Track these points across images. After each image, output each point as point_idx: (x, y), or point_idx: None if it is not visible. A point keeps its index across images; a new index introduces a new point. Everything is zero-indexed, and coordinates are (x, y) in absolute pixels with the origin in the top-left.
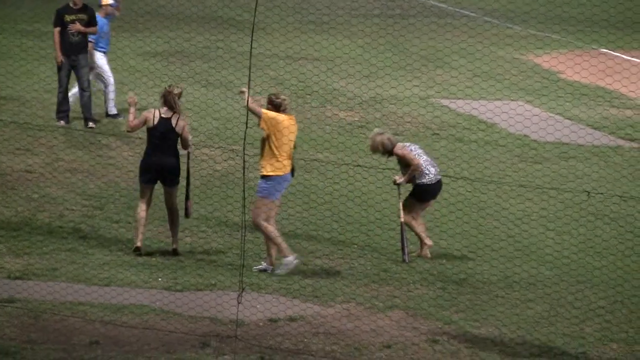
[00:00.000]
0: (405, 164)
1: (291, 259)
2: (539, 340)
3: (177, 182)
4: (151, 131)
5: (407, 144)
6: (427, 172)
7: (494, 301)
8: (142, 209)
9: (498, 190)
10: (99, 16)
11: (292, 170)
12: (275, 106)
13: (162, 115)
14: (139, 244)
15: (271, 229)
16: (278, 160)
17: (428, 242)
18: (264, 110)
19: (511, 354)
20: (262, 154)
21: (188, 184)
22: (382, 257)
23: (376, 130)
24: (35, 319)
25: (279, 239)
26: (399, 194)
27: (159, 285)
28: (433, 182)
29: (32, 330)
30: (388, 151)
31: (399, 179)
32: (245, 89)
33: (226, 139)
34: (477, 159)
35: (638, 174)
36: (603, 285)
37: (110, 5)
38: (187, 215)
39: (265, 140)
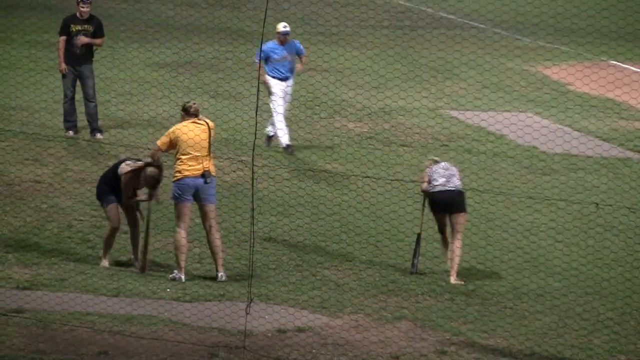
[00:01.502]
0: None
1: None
2: (548, 351)
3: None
4: None
5: (436, 158)
6: (434, 182)
7: (503, 312)
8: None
9: (507, 202)
10: (274, 42)
11: (205, 174)
12: (187, 112)
13: None
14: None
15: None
16: (185, 164)
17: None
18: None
19: None
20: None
21: (147, 235)
22: (390, 268)
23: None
24: (43, 329)
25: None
26: (424, 205)
27: (167, 296)
28: (435, 191)
29: (41, 341)
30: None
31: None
32: None
33: (235, 149)
34: (486, 170)
35: None
36: (612, 297)
37: (280, 33)
38: (143, 269)
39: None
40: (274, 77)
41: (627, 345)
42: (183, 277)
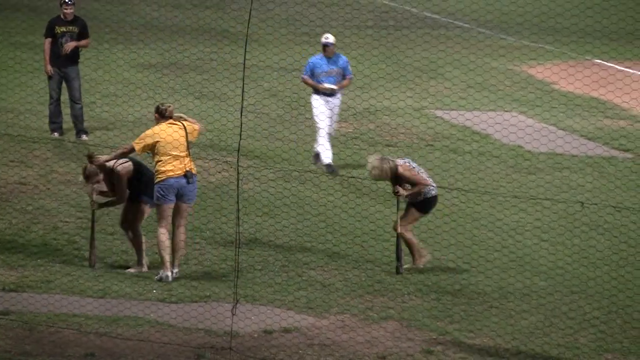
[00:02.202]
0: (409, 182)
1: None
2: (534, 350)
3: None
4: None
5: (406, 160)
6: (432, 185)
7: (489, 312)
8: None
9: (492, 201)
10: (320, 55)
11: (187, 174)
12: (161, 114)
13: None
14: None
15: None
16: (166, 166)
17: (425, 253)
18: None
19: None
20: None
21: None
22: (376, 268)
23: (375, 157)
24: (30, 331)
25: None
26: (398, 205)
27: (153, 297)
28: (435, 195)
29: (27, 343)
30: (393, 175)
31: (404, 192)
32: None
33: (220, 150)
34: (471, 169)
35: (632, 184)
36: (597, 296)
37: (322, 44)
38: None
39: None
40: (317, 94)
41: (613, 344)
42: (170, 274)
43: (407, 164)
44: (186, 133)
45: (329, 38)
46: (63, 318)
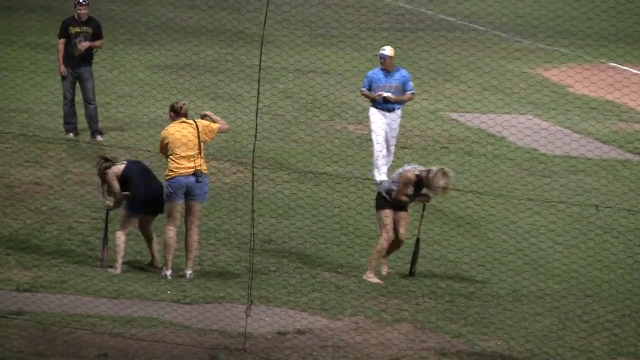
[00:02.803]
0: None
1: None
2: (548, 354)
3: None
4: None
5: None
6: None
7: (503, 314)
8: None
9: (506, 204)
10: (379, 68)
11: (197, 173)
12: (176, 112)
13: None
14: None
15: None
16: (176, 163)
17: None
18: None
19: None
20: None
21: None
22: (390, 270)
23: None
24: (43, 331)
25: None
26: (423, 209)
27: (167, 298)
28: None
29: (41, 343)
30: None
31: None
32: None
33: (235, 152)
34: (486, 172)
35: None
36: (611, 299)
37: (379, 56)
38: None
39: None
40: (375, 108)
41: (627, 347)
42: (169, 273)
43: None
44: (198, 132)
45: (385, 50)
46: (77, 318)
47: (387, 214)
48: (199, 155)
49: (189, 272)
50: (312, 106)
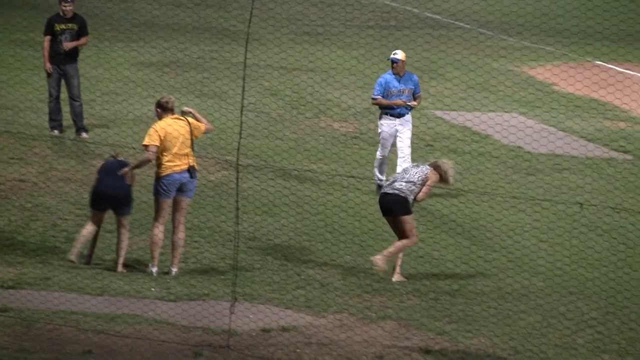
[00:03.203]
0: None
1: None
2: (531, 351)
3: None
4: None
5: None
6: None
7: (487, 312)
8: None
9: (491, 202)
10: (390, 73)
11: (190, 169)
12: (163, 108)
13: None
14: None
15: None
16: (169, 161)
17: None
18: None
19: None
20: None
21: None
22: (375, 267)
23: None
24: (28, 328)
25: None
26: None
27: (152, 295)
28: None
29: (25, 340)
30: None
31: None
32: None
33: (220, 149)
34: (471, 170)
35: (631, 185)
36: (595, 297)
37: (390, 60)
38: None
39: None
40: (386, 114)
41: (610, 345)
42: (155, 270)
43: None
44: (191, 129)
45: (397, 54)
46: (61, 315)
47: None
48: (191, 152)
49: (174, 269)
50: (297, 104)
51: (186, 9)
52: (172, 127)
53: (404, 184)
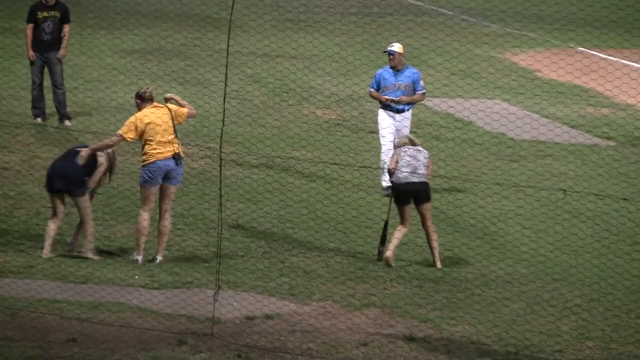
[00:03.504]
0: None
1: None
2: (515, 338)
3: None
4: None
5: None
6: (400, 170)
7: (470, 299)
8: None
9: (474, 188)
10: (387, 67)
11: (175, 156)
12: (142, 98)
13: None
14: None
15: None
16: (153, 148)
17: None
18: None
19: (487, 352)
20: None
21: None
22: (358, 255)
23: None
24: (11, 316)
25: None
26: (392, 192)
27: (135, 283)
28: (400, 183)
29: (9, 328)
30: None
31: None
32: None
33: (203, 137)
34: (454, 157)
35: (614, 172)
36: (579, 284)
37: (390, 53)
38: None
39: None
40: (383, 109)
41: (594, 332)
42: (141, 258)
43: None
44: (172, 116)
45: (394, 46)
46: (45, 303)
47: None
48: (175, 139)
49: (159, 257)
50: (280, 91)
51: None
52: (152, 115)
53: (423, 169)
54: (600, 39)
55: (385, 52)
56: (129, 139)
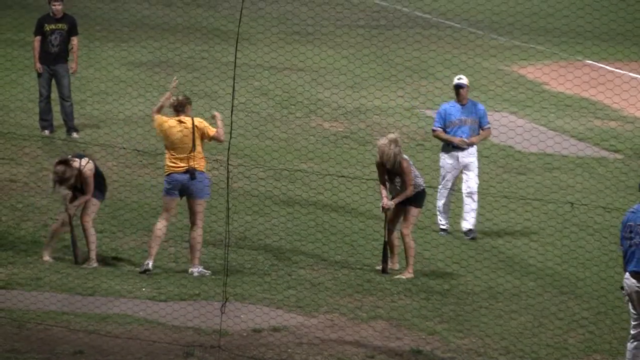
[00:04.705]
0: (402, 178)
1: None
2: (523, 351)
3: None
4: None
5: (408, 158)
6: (420, 181)
7: (478, 312)
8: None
9: (482, 201)
10: (453, 101)
11: (189, 171)
12: (173, 107)
13: None
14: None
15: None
16: (170, 161)
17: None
18: (156, 116)
19: None
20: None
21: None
22: (365, 267)
23: (390, 137)
24: (19, 328)
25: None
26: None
27: (142, 295)
28: (424, 188)
29: (16, 340)
30: (393, 162)
31: (389, 202)
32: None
33: (210, 149)
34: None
35: (622, 185)
36: (587, 297)
37: (455, 85)
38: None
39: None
40: (447, 150)
41: (602, 345)
42: (151, 263)
43: (409, 162)
44: (194, 133)
45: (463, 78)
46: (52, 316)
47: None
48: (193, 154)
49: (195, 269)
50: (287, 103)
51: (176, 8)
52: (173, 129)
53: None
54: (607, 51)
55: (454, 85)
56: (155, 126)
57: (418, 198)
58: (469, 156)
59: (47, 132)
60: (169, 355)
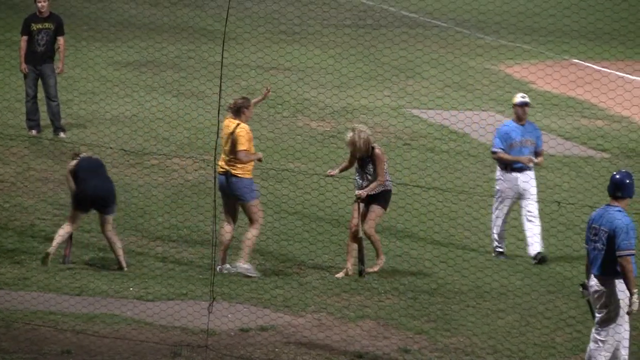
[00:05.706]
0: (374, 168)
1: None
2: (510, 350)
3: None
4: None
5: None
6: (389, 180)
7: (465, 311)
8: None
9: (469, 201)
10: (512, 121)
11: (226, 174)
12: (229, 108)
13: None
14: None
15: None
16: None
17: (382, 256)
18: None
19: None
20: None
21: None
22: (352, 267)
23: (361, 127)
24: (6, 328)
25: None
26: (359, 207)
27: (130, 295)
28: (391, 189)
29: (3, 340)
30: (366, 148)
31: (363, 192)
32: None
33: (197, 148)
34: (448, 169)
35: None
36: (574, 296)
37: (517, 104)
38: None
39: None
40: (506, 171)
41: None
42: (219, 267)
43: (383, 151)
44: (231, 135)
45: (526, 97)
46: (40, 315)
47: None
48: (228, 156)
49: (237, 264)
50: (274, 103)
51: (163, 8)
52: (224, 129)
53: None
54: (594, 50)
55: (518, 103)
56: None
57: (383, 197)
58: (530, 180)
59: (34, 132)
60: (157, 354)
